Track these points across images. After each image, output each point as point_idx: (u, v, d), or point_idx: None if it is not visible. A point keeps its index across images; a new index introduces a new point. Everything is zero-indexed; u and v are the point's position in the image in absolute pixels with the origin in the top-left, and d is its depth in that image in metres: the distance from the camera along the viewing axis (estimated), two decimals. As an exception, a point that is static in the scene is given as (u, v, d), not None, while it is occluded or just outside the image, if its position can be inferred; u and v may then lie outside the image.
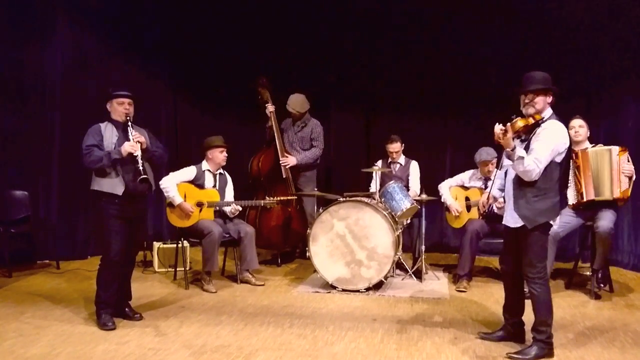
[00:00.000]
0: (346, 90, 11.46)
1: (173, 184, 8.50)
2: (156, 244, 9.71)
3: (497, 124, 5.83)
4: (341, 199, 8.49)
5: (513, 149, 5.77)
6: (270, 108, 10.08)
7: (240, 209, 8.91)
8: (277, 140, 10.04)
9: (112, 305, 6.90)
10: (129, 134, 6.73)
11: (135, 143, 6.68)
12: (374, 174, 9.27)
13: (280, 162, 10.00)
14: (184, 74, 11.84)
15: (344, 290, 8.29)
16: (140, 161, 6.65)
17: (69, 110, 10.09)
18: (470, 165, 9.08)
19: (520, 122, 5.88)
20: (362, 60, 11.23)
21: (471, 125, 10.57)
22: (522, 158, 5.71)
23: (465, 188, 9.13)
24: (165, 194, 8.52)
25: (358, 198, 8.50)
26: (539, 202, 5.82)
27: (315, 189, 9.52)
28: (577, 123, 8.15)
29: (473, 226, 8.65)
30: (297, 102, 10.15)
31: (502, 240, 8.62)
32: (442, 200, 9.21)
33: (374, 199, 8.62)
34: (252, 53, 11.22)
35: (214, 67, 11.70)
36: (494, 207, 8.39)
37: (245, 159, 10.30)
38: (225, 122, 11.44)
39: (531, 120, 5.89)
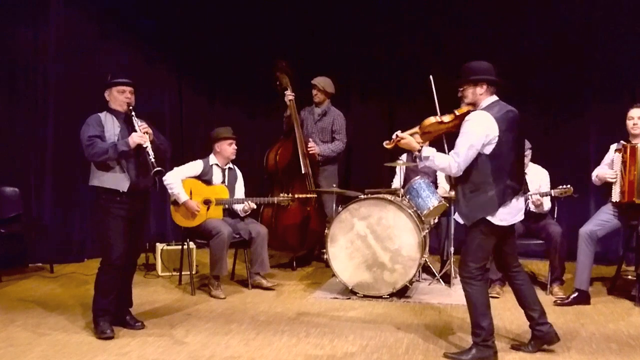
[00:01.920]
0: (368, 78, 11.43)
1: (178, 180, 8.52)
2: (159, 246, 9.74)
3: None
4: (362, 196, 8.48)
5: (419, 151, 6.15)
6: (289, 96, 10.05)
7: (255, 206, 8.91)
8: (296, 131, 10.00)
9: (112, 313, 6.89)
10: (135, 124, 6.74)
11: (143, 134, 6.69)
12: (397, 169, 9.25)
13: (309, 148, 9.97)
14: (189, 57, 11.79)
15: (365, 296, 8.29)
16: (151, 153, 6.65)
17: (64, 98, 10.13)
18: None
19: (427, 122, 6.21)
20: (386, 47, 11.21)
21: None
22: (427, 158, 6.06)
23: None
24: (170, 191, 8.54)
25: (380, 195, 8.49)
26: (474, 197, 6.02)
27: (334, 185, 9.51)
28: (637, 113, 8.07)
29: (507, 226, 8.62)
30: (324, 80, 10.15)
31: (539, 241, 8.68)
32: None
33: (398, 196, 8.60)
34: (265, 36, 11.22)
35: (223, 50, 11.67)
36: (530, 205, 8.36)
37: (258, 152, 10.30)
38: (236, 111, 11.46)
39: (449, 118, 6.19)
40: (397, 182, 9.19)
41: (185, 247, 8.93)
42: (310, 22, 11.11)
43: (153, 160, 6.62)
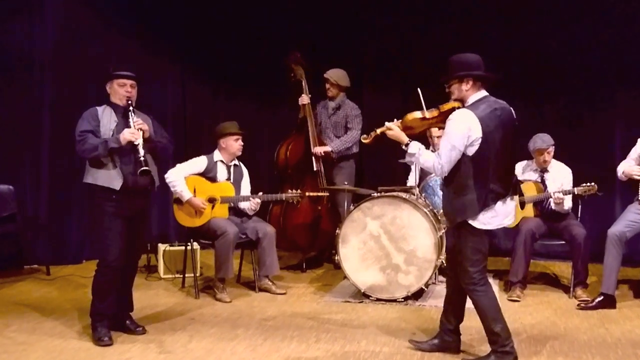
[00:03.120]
0: (381, 69, 11.41)
1: (181, 177, 8.52)
2: (162, 247, 9.76)
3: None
4: (375, 194, 8.49)
5: (407, 145, 6.19)
6: (304, 99, 10.06)
7: (260, 202, 8.89)
8: (310, 133, 9.98)
9: (110, 317, 6.90)
10: (130, 119, 6.75)
11: (136, 130, 6.69)
12: (412, 166, 9.24)
13: (313, 151, 9.95)
14: (193, 47, 11.74)
15: (378, 299, 8.29)
16: (141, 151, 6.65)
17: (61, 91, 10.14)
18: (525, 155, 9.03)
19: (410, 117, 6.31)
20: (400, 36, 11.20)
21: (526, 107, 10.54)
22: (414, 155, 6.16)
23: (519, 182, 9.07)
24: (172, 189, 8.55)
25: (395, 193, 8.50)
26: (456, 199, 6.05)
27: (345, 183, 9.49)
28: None
29: (527, 225, 8.62)
30: (337, 73, 10.11)
31: (561, 242, 8.67)
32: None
33: (413, 194, 8.58)
34: (273, 25, 11.20)
35: (229, 40, 11.63)
36: (552, 203, 8.35)
37: (266, 148, 10.29)
38: (243, 104, 11.42)
39: (432, 114, 6.26)
40: (412, 180, 9.17)
41: (189, 248, 8.92)
42: (321, 10, 11.08)
43: (142, 159, 6.64)
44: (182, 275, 9.23)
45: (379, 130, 6.42)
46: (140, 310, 7.61)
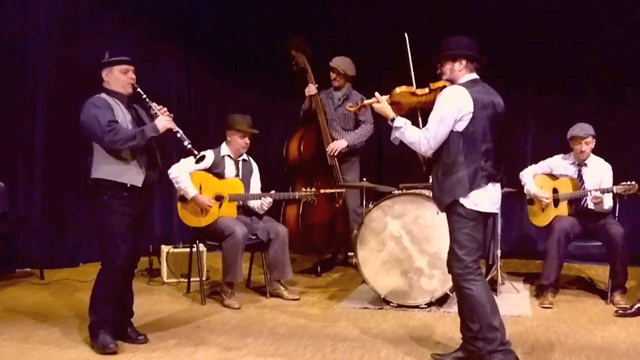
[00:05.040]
0: (398, 57, 11.39)
1: (185, 173, 8.52)
2: (165, 248, 9.79)
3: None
4: (396, 192, 8.50)
5: (392, 120, 6.31)
6: (311, 90, 10.06)
7: (271, 200, 8.88)
8: (320, 123, 10.01)
9: (112, 324, 6.88)
10: (152, 106, 6.79)
11: (169, 116, 6.76)
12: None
13: (327, 152, 9.95)
14: (199, 32, 11.79)
15: (399, 305, 8.29)
16: (185, 137, 6.77)
17: (56, 82, 10.17)
18: (560, 149, 9.01)
19: (398, 90, 6.47)
20: (416, 20, 11.18)
21: (562, 95, 10.53)
22: (401, 128, 6.25)
23: (554, 177, 9.07)
24: (176, 185, 8.55)
25: (417, 191, 8.49)
26: (445, 179, 6.15)
27: (364, 180, 9.36)
28: None
29: (561, 225, 8.61)
30: (343, 61, 10.14)
31: (597, 243, 8.66)
32: (525, 191, 9.13)
33: (437, 192, 8.58)
34: (285, 8, 11.20)
35: (237, 24, 11.66)
36: (589, 202, 8.33)
37: (277, 141, 10.29)
38: (252, 93, 11.46)
39: (422, 91, 6.41)
40: (435, 176, 9.17)
41: (194, 249, 8.93)
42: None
43: (190, 143, 6.74)
44: (187, 280, 9.22)
45: (366, 102, 6.67)
46: (141, 317, 7.62)
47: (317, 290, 9.24)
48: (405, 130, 6.19)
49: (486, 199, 6.09)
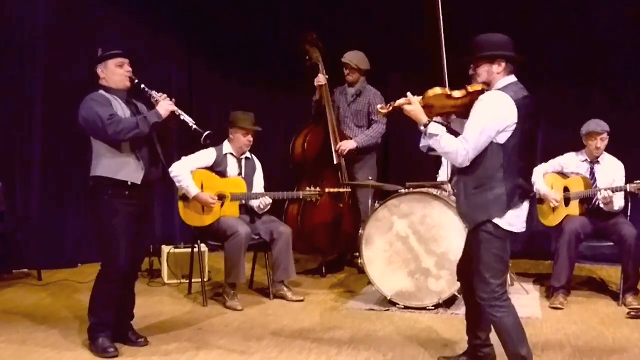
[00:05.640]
0: (408, 53, 11.40)
1: (187, 171, 8.51)
2: (166, 249, 9.79)
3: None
4: (403, 191, 8.49)
5: (426, 125, 5.83)
6: (321, 80, 10.03)
7: (271, 201, 8.87)
8: (329, 117, 9.99)
9: (112, 327, 6.88)
10: (152, 95, 6.79)
11: (170, 100, 6.77)
12: (444, 159, 9.22)
13: (334, 149, 9.93)
14: (201, 26, 11.75)
15: (406, 307, 8.28)
16: (188, 118, 6.82)
17: (54, 77, 10.16)
18: (571, 146, 8.99)
19: (432, 93, 5.98)
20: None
21: (572, 92, 10.52)
22: (437, 136, 5.76)
23: (565, 176, 9.04)
24: (177, 184, 8.54)
25: (424, 190, 8.50)
26: (477, 195, 5.75)
27: (370, 178, 9.41)
28: None
29: (573, 225, 8.59)
30: (356, 56, 10.12)
31: (609, 244, 8.64)
32: (535, 190, 9.00)
33: (445, 191, 8.58)
34: (290, 4, 11.19)
35: (240, 18, 11.61)
36: (600, 201, 8.32)
37: (281, 139, 10.28)
38: (255, 90, 11.42)
39: (459, 94, 5.93)
40: (443, 175, 9.16)
41: (196, 250, 8.93)
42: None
43: (194, 124, 6.77)
44: (188, 281, 9.21)
45: (397, 103, 6.05)
46: (142, 320, 7.62)
47: (321, 292, 9.24)
48: (441, 139, 5.73)
49: (519, 218, 5.77)
